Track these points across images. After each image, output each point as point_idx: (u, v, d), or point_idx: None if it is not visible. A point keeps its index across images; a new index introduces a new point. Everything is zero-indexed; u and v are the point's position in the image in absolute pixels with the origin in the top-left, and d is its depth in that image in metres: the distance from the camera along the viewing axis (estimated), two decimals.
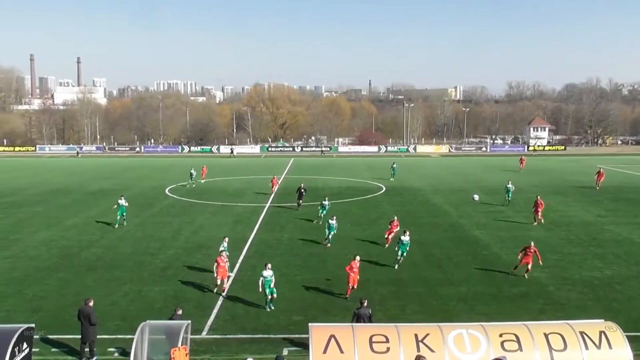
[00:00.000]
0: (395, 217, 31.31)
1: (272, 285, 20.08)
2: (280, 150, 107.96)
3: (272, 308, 20.04)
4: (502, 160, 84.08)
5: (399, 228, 29.64)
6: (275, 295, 20.20)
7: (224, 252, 22.95)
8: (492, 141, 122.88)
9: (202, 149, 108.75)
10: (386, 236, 29.88)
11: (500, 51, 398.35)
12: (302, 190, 40.68)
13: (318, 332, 13.58)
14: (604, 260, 26.90)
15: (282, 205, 42.24)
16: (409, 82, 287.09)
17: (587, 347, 13.35)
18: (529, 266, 23.97)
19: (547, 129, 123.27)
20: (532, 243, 24.53)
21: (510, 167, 70.80)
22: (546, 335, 13.58)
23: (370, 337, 13.41)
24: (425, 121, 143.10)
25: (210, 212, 40.03)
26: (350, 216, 37.90)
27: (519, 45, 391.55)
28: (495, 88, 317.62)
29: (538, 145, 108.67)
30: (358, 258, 22.09)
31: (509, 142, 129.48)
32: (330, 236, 30.03)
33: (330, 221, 30.42)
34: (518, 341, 13.48)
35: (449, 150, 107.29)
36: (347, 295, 21.27)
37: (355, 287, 21.38)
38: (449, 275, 24.84)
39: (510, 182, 44.37)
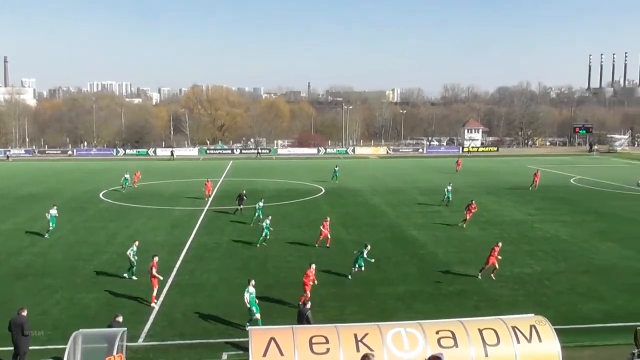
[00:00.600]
0: (328, 218, 31.54)
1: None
2: (219, 153, 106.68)
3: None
4: (438, 162, 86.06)
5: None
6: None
7: (155, 258, 22.12)
8: (428, 143, 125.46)
9: (138, 151, 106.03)
10: (320, 238, 30.12)
11: (435, 54, 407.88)
12: (244, 196, 40.37)
13: (258, 335, 13.51)
14: (534, 257, 27.95)
15: (221, 209, 41.81)
16: (347, 85, 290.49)
17: (518, 341, 13.83)
18: (496, 266, 24.31)
19: (480, 130, 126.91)
20: (500, 243, 25.11)
21: (447, 169, 72.55)
22: (480, 331, 13.99)
23: (310, 339, 13.45)
24: (364, 123, 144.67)
25: (146, 216, 39.15)
26: (290, 218, 37.93)
27: (453, 49, 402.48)
28: (431, 90, 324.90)
29: (472, 147, 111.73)
30: (314, 266, 21.53)
31: (444, 143, 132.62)
32: (263, 237, 30.10)
33: (266, 222, 30.50)
34: (454, 337, 13.82)
35: (387, 152, 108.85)
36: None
37: (308, 293, 20.81)
38: (388, 274, 25.21)
39: (450, 184, 45.50)
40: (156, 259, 21.81)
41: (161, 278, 21.83)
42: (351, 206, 43.42)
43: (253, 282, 19.34)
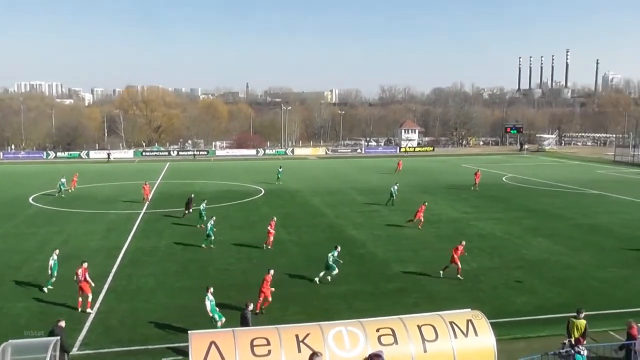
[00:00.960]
0: (274, 218, 31.56)
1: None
2: (156, 155, 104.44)
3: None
4: (376, 162, 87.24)
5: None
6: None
7: (84, 264, 21.24)
8: (366, 143, 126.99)
9: (70, 154, 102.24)
10: (271, 239, 30.03)
11: (372, 56, 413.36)
12: (192, 199, 39.65)
13: (198, 340, 13.29)
14: (470, 253, 28.66)
15: (159, 211, 40.96)
16: (286, 85, 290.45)
17: (456, 336, 14.17)
18: (459, 265, 24.67)
19: (417, 130, 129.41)
20: (463, 242, 25.54)
21: (385, 169, 73.65)
22: (419, 327, 14.24)
23: (252, 341, 13.34)
24: (303, 124, 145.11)
25: (80, 220, 37.89)
26: (230, 220, 37.56)
27: (390, 50, 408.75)
28: (369, 92, 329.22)
29: (409, 147, 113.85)
30: (272, 272, 20.81)
31: (382, 143, 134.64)
32: (209, 238, 29.87)
33: (210, 222, 30.26)
34: (394, 335, 14.02)
35: (326, 152, 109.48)
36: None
37: (269, 299, 20.51)
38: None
39: (397, 184, 46.32)
40: (85, 264, 21.07)
41: (93, 284, 21.12)
42: (291, 207, 43.41)
43: (212, 289, 18.84)
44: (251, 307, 17.28)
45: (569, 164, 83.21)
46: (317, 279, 24.03)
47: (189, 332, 13.62)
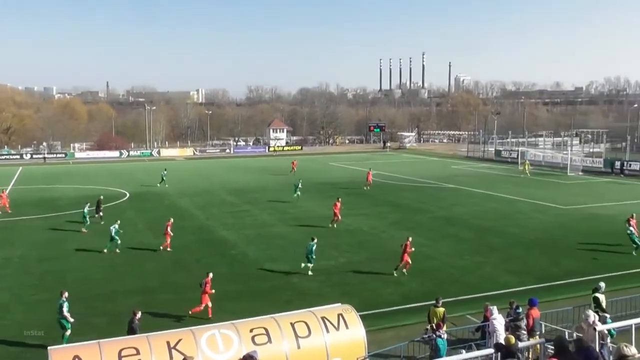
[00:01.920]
0: (171, 219, 30.87)
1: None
2: (6, 159, 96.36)
3: None
4: (246, 161, 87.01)
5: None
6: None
7: None
8: (235, 143, 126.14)
9: None
10: (168, 241, 29.39)
11: (239, 56, 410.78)
12: (100, 201, 38.00)
13: (59, 355, 12.49)
14: (338, 249, 29.54)
15: (11, 220, 37.89)
16: (150, 85, 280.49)
17: (328, 331, 14.53)
18: (409, 261, 24.93)
19: (285, 130, 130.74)
20: (410, 238, 25.78)
21: (256, 169, 73.64)
22: (292, 325, 14.43)
23: (120, 352, 12.78)
24: (169, 124, 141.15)
25: None
26: (92, 226, 35.53)
27: (257, 51, 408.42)
28: (236, 91, 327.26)
29: (278, 146, 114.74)
30: (211, 275, 20.89)
31: (251, 143, 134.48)
32: (112, 242, 28.81)
33: (114, 226, 29.14)
34: (267, 334, 14.08)
35: (194, 153, 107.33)
36: (210, 315, 19.83)
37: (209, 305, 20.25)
38: (198, 278, 24.79)
39: (300, 180, 47.13)
40: None
41: None
42: (158, 210, 42.01)
43: (66, 293, 18.14)
44: (139, 315, 16.56)
45: (427, 160, 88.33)
46: (307, 270, 25.00)
47: (48, 348, 12.75)
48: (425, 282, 24.12)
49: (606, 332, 14.23)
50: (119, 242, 29.09)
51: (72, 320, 17.70)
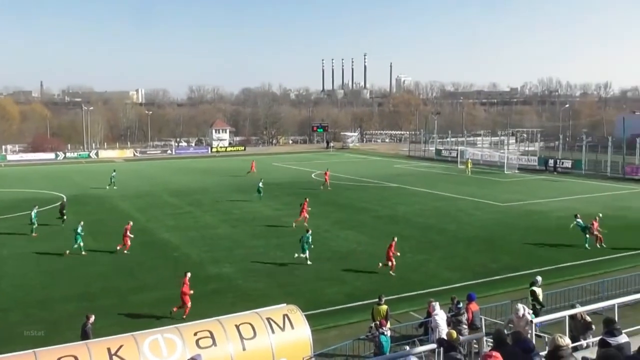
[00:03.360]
0: (131, 222, 30.40)
1: None
2: None
3: None
4: (188, 162, 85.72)
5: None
6: None
7: None
8: (177, 144, 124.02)
9: None
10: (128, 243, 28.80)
11: (179, 56, 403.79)
12: (64, 205, 37.32)
13: None
14: (283, 249, 29.50)
15: None
16: (87, 84, 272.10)
17: (273, 331, 14.52)
18: (393, 261, 24.97)
19: (228, 130, 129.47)
20: (395, 238, 25.76)
21: (197, 170, 72.70)
22: (237, 327, 14.34)
23: None
24: (108, 125, 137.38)
25: None
26: (27, 230, 34.26)
27: (198, 50, 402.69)
28: (177, 91, 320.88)
29: (220, 147, 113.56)
30: (189, 275, 20.77)
31: (193, 144, 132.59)
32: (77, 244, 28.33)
33: (78, 228, 28.70)
34: (212, 337, 13.95)
35: (134, 155, 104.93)
36: (185, 316, 19.58)
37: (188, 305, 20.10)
38: (141, 281, 24.41)
39: (261, 180, 47.04)
40: None
41: None
42: (98, 213, 40.89)
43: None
44: (92, 319, 16.11)
45: (370, 159, 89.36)
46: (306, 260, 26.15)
47: None
48: (370, 280, 24.41)
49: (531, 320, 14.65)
50: (82, 244, 28.46)
51: None
